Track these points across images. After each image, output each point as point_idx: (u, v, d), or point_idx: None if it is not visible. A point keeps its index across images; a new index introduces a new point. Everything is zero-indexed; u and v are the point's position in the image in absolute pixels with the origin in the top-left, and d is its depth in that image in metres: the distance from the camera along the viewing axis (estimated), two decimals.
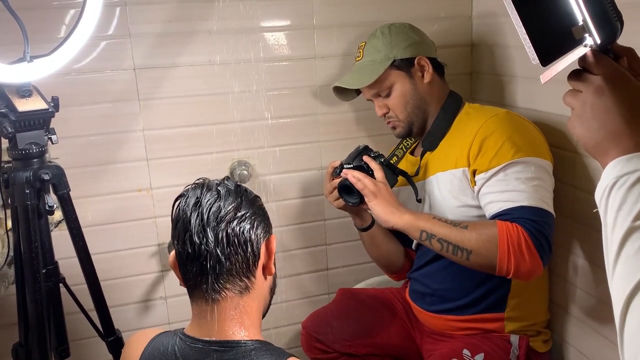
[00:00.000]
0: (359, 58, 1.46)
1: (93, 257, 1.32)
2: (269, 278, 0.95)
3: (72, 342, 1.37)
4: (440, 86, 1.46)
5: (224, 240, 0.86)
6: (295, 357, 0.86)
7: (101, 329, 1.35)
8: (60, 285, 1.30)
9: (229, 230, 0.86)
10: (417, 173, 1.47)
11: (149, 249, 1.64)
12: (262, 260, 0.91)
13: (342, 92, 1.54)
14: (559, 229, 1.46)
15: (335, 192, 1.42)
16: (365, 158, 1.38)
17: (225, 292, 0.88)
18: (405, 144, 1.57)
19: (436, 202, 1.39)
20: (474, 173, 1.30)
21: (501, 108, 1.40)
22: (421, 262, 1.52)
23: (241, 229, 0.87)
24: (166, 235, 1.63)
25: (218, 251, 0.86)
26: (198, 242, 0.85)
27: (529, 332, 1.43)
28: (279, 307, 1.78)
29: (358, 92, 1.53)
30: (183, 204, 0.90)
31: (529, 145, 1.26)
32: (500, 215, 1.21)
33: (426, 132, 1.46)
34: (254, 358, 0.84)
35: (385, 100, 1.44)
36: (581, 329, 1.44)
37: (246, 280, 0.89)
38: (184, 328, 0.92)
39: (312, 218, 1.77)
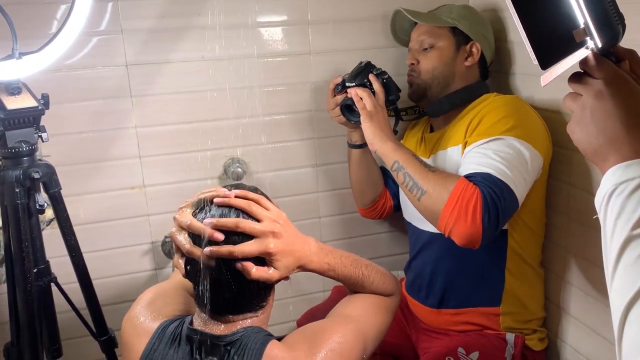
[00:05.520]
0: (434, 10, 1.54)
1: (85, 256, 1.31)
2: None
3: (65, 342, 1.36)
4: (475, 78, 1.48)
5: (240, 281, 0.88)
6: (277, 340, 0.90)
7: (94, 329, 1.34)
8: (52, 284, 1.29)
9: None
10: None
11: (142, 247, 1.63)
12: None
13: (395, 31, 1.61)
14: (555, 227, 1.46)
15: (337, 109, 1.46)
16: (371, 77, 1.42)
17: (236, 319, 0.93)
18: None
19: None
20: (465, 145, 1.31)
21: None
22: (414, 251, 1.54)
23: None
24: (159, 233, 1.62)
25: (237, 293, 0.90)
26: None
27: (525, 330, 1.43)
28: (274, 304, 1.77)
29: (407, 43, 1.57)
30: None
31: (522, 129, 1.26)
32: (467, 177, 1.19)
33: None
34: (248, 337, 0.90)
35: (421, 54, 1.47)
36: (577, 327, 1.44)
37: (260, 305, 0.95)
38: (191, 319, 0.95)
39: (307, 215, 1.76)
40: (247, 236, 0.87)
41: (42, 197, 1.21)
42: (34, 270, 1.22)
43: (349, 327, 0.95)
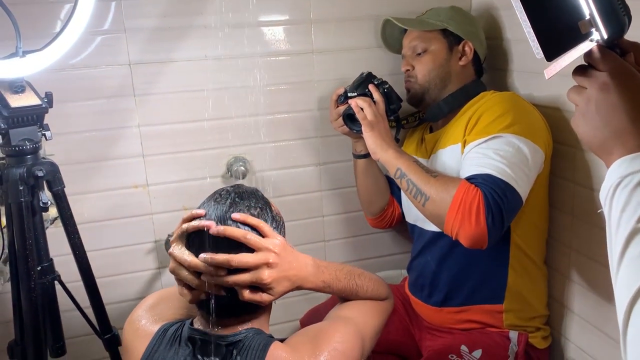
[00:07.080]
0: (422, 15, 1.55)
1: (89, 254, 1.31)
2: None
3: (69, 340, 1.36)
4: (470, 77, 1.49)
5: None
6: (280, 342, 0.91)
7: (97, 327, 1.34)
8: (56, 282, 1.29)
9: None
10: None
11: (145, 246, 1.63)
12: None
13: (386, 39, 1.62)
14: (559, 225, 1.45)
15: (340, 120, 1.49)
16: (371, 87, 1.45)
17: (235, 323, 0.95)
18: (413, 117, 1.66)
19: None
20: (464, 144, 1.31)
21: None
22: (417, 251, 1.54)
23: None
24: (163, 232, 1.62)
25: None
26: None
27: (529, 328, 1.42)
28: (276, 303, 1.77)
29: (399, 50, 1.58)
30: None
31: (521, 125, 1.26)
32: (468, 179, 1.20)
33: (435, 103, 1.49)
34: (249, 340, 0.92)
35: (415, 59, 1.49)
36: (581, 325, 1.43)
37: (259, 306, 0.95)
38: (192, 321, 0.96)
39: (311, 214, 1.76)
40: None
41: (46, 195, 1.21)
42: (38, 269, 1.22)
43: (349, 329, 0.97)
